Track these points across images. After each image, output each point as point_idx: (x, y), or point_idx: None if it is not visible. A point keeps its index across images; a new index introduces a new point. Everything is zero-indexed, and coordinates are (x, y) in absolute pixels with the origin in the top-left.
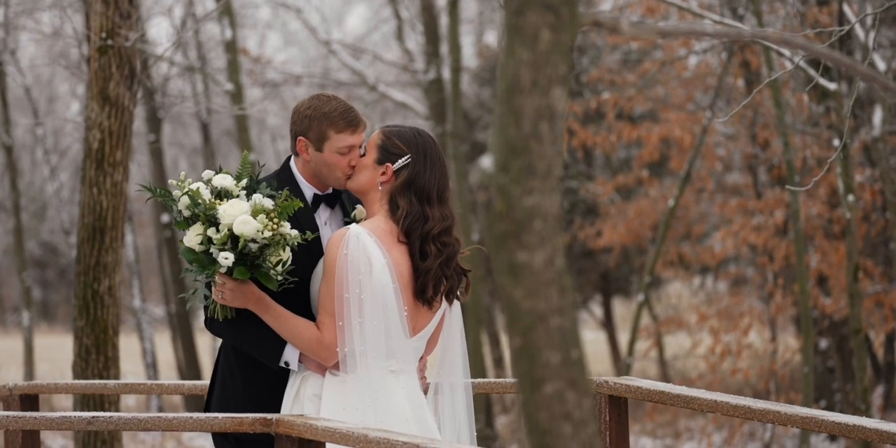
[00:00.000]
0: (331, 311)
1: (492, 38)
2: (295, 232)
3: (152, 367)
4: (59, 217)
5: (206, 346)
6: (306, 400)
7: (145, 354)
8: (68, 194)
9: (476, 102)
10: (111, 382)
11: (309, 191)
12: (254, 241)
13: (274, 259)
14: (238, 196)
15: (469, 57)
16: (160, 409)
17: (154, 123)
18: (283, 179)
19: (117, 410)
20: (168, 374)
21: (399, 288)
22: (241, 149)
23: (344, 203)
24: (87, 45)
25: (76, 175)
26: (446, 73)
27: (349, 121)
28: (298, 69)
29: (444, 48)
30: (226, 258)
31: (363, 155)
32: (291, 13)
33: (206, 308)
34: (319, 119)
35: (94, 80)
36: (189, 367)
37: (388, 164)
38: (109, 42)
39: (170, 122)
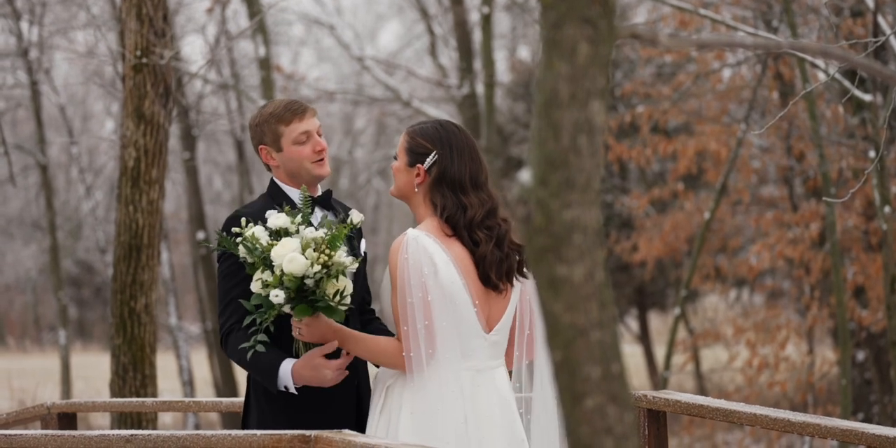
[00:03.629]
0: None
1: (525, 52)
2: (350, 258)
3: (189, 385)
4: (95, 235)
5: None
6: (392, 411)
7: (182, 372)
8: (103, 213)
9: (510, 117)
10: (149, 400)
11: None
12: (306, 277)
13: (331, 290)
14: (297, 232)
15: (502, 72)
16: (197, 427)
17: (189, 141)
18: (272, 195)
19: (155, 428)
20: (205, 392)
21: (467, 283)
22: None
23: (334, 206)
24: (122, 63)
25: (111, 193)
26: (480, 89)
27: (293, 110)
28: (332, 85)
29: (478, 63)
30: (276, 296)
31: (396, 158)
32: (325, 30)
33: (248, 349)
34: (267, 121)
35: (128, 99)
36: (226, 384)
37: (419, 165)
38: (144, 60)
39: (204, 139)
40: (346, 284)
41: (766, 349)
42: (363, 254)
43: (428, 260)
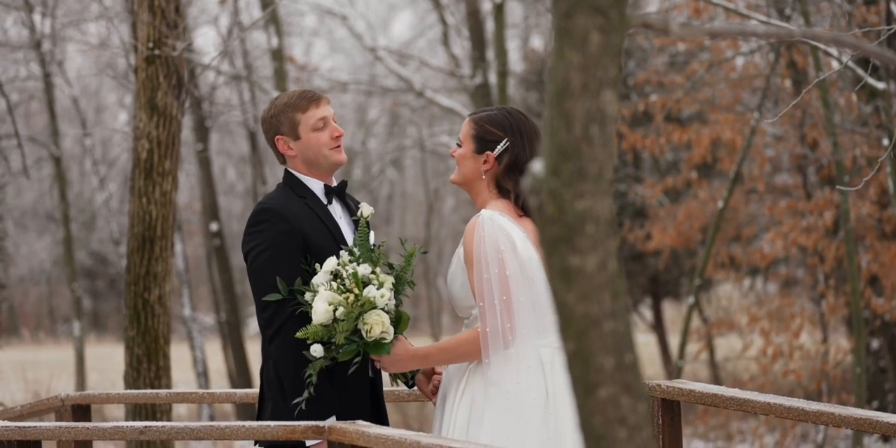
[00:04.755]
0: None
1: (537, 42)
2: (382, 291)
3: (203, 376)
4: (109, 227)
5: (257, 355)
6: (477, 391)
7: (196, 363)
8: (117, 204)
9: (523, 107)
10: (163, 392)
11: (317, 185)
12: (336, 321)
13: (376, 329)
14: (344, 273)
15: (515, 61)
16: (211, 418)
17: (202, 132)
18: (290, 185)
19: (169, 420)
20: (219, 383)
21: (543, 260)
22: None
23: (347, 199)
24: (135, 55)
25: (125, 185)
26: (493, 78)
27: (309, 98)
28: (345, 76)
29: (491, 53)
30: (315, 351)
31: (459, 145)
32: (337, 20)
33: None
34: (283, 111)
35: (141, 90)
36: (240, 375)
37: (489, 152)
38: (156, 52)
39: (217, 130)
40: (381, 320)
41: (781, 338)
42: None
43: (505, 237)
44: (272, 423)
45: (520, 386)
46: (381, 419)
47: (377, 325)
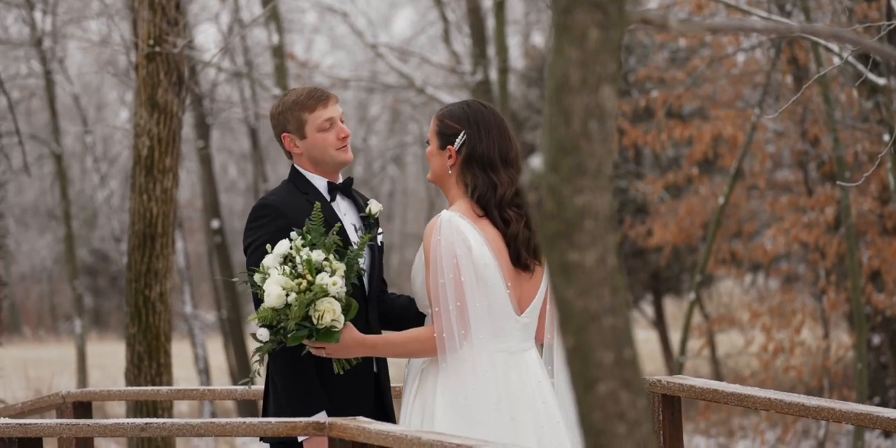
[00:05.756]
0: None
1: (538, 38)
2: (334, 279)
3: (205, 373)
4: (110, 224)
5: None
6: (427, 394)
7: (197, 360)
8: (118, 202)
9: (524, 103)
10: (164, 389)
11: (321, 182)
12: (288, 306)
13: (327, 317)
14: (298, 258)
15: (516, 58)
16: (213, 415)
17: (202, 129)
18: (295, 181)
19: (170, 417)
20: (220, 380)
21: (500, 264)
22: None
23: (355, 196)
24: (135, 52)
25: (126, 182)
26: (493, 75)
27: (317, 98)
28: (346, 73)
29: (491, 50)
30: (261, 335)
31: (428, 143)
32: (338, 17)
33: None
34: (290, 109)
35: (142, 88)
36: (241, 372)
37: (450, 147)
38: (157, 49)
39: (218, 127)
40: (332, 307)
41: (782, 334)
42: (380, 244)
43: (461, 241)
44: (273, 420)
45: (476, 391)
46: (387, 416)
47: (328, 312)
